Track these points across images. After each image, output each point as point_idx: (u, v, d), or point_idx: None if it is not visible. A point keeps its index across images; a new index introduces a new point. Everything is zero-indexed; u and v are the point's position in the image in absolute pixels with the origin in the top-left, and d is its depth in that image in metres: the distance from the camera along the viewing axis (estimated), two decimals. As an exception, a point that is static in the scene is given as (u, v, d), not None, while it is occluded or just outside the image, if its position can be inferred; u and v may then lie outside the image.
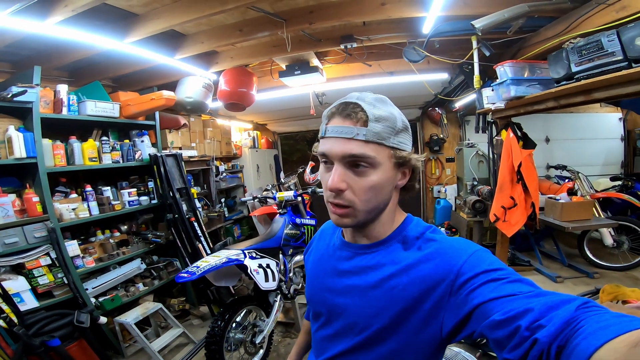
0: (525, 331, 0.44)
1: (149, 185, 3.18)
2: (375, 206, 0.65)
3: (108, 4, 2.07)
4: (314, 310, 0.81)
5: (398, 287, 0.62)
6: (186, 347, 2.77)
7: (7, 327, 1.94)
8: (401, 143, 0.64)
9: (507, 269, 0.55)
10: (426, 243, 0.65)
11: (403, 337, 0.62)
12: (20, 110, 2.26)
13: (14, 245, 2.13)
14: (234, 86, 2.92)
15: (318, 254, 0.83)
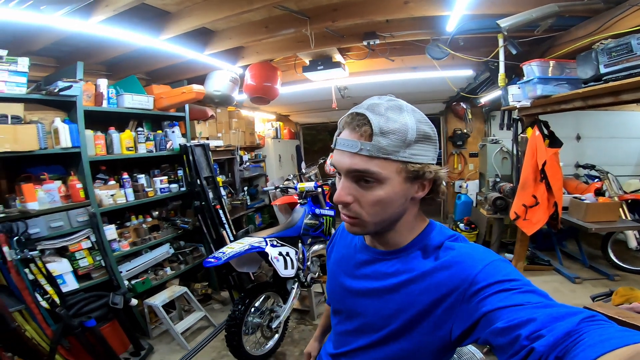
0: (524, 340, 0.44)
1: (178, 173, 3.37)
2: (384, 219, 0.65)
3: (146, 4, 2.20)
4: (334, 307, 0.84)
5: (414, 292, 0.63)
6: (206, 330, 2.94)
7: (49, 308, 2.12)
8: (415, 155, 0.61)
9: (523, 279, 0.55)
10: (445, 252, 0.64)
11: (416, 338, 0.64)
12: (65, 103, 2.45)
13: (59, 229, 2.32)
14: (259, 80, 3.03)
15: (339, 253, 0.85)
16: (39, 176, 2.35)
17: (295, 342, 2.71)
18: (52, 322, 2.14)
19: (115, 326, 2.50)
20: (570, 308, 0.47)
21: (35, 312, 2.07)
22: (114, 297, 2.42)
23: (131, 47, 2.57)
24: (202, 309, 3.01)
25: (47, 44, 2.38)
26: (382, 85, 3.84)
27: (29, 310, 2.05)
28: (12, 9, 1.74)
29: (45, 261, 2.20)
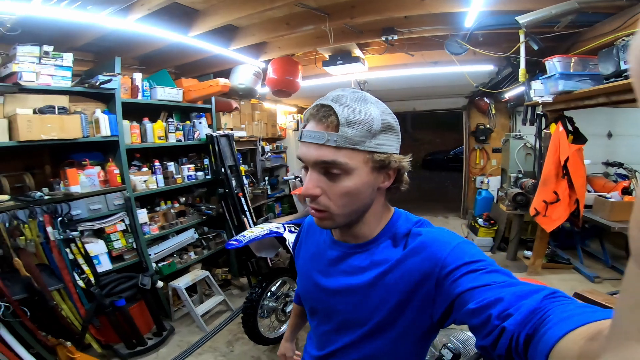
0: (495, 320, 0.47)
1: (204, 162, 3.59)
2: (353, 210, 0.65)
3: (177, 2, 2.35)
4: (310, 307, 0.82)
5: (391, 282, 0.64)
6: (224, 313, 3.13)
7: (84, 288, 2.31)
8: (380, 145, 0.62)
9: (487, 259, 0.58)
10: (413, 238, 0.66)
11: (400, 327, 0.65)
12: (105, 96, 2.68)
13: (97, 212, 2.54)
14: (281, 74, 3.16)
15: (309, 251, 0.83)
16: (80, 162, 2.60)
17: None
18: (86, 301, 2.34)
19: (142, 307, 2.69)
20: (532, 286, 0.49)
21: (72, 291, 2.27)
22: (142, 279, 2.61)
23: (163, 42, 2.76)
24: (221, 293, 3.20)
25: (89, 40, 2.60)
26: (402, 79, 3.85)
27: (66, 289, 2.25)
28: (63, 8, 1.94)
29: (84, 242, 2.42)
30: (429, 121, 12.70)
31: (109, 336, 2.50)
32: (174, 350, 2.64)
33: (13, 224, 2.05)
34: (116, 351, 2.50)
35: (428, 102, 5.75)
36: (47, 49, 2.30)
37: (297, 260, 0.89)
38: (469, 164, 5.88)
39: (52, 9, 1.85)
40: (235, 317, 3.04)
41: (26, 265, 2.05)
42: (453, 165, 10.57)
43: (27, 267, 2.05)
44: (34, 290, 2.01)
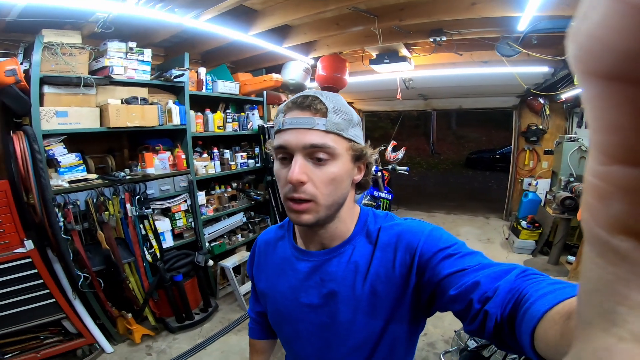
0: (476, 304, 0.48)
1: (255, 150, 3.91)
2: (335, 201, 0.63)
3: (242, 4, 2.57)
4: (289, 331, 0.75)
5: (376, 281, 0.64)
6: None
7: (151, 262, 2.61)
8: (357, 136, 0.65)
9: (458, 242, 0.60)
10: (386, 233, 0.66)
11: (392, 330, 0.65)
12: (175, 88, 3.04)
13: (166, 192, 2.89)
14: (330, 72, 3.34)
15: (274, 270, 0.77)
16: (154, 147, 3.01)
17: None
18: (150, 275, 2.67)
19: (193, 283, 2.95)
20: (503, 265, 0.51)
21: (140, 264, 2.61)
22: (197, 256, 2.93)
23: (226, 40, 3.01)
24: None
25: (165, 37, 2.92)
26: (449, 78, 3.85)
27: (136, 263, 2.59)
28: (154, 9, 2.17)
29: (154, 219, 2.77)
30: (475, 118, 12.16)
31: (163, 309, 2.81)
32: (216, 325, 2.91)
33: (100, 200, 2.42)
34: (167, 324, 2.79)
35: (476, 100, 5.58)
36: (132, 45, 2.62)
37: (258, 285, 0.83)
38: (517, 165, 5.66)
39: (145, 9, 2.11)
40: None
41: (107, 239, 2.41)
42: (499, 166, 10.10)
43: (107, 240, 2.41)
44: (111, 263, 2.37)
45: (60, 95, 2.31)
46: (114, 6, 2.04)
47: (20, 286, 2.04)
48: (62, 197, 2.19)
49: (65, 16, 2.26)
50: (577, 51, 0.12)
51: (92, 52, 2.49)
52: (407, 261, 0.62)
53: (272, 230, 0.84)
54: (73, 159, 2.37)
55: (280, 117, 0.65)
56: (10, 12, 2.03)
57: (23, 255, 2.03)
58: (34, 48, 2.16)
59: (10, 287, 2.01)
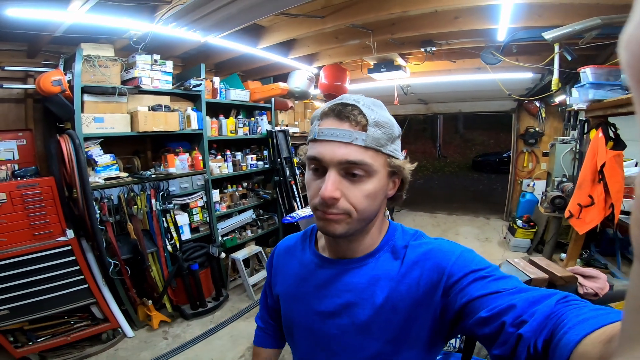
0: (510, 327, 0.45)
1: (264, 153, 4.23)
2: (369, 216, 0.62)
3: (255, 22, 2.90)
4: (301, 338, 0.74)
5: (396, 298, 0.62)
6: None
7: (171, 252, 2.91)
8: (395, 151, 0.62)
9: (492, 266, 0.57)
10: (413, 250, 0.64)
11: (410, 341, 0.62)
12: (192, 96, 3.39)
13: (185, 189, 3.23)
14: (332, 80, 3.66)
15: (290, 279, 0.76)
16: (174, 149, 3.36)
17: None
18: (170, 264, 2.96)
19: (207, 274, 3.23)
20: (543, 291, 0.49)
21: (161, 254, 2.91)
22: (212, 248, 3.24)
23: (238, 52, 3.35)
24: None
25: (185, 50, 3.26)
26: (445, 83, 4.11)
27: (157, 252, 2.90)
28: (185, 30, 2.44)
29: (175, 214, 3.10)
30: (483, 121, 12.28)
31: (179, 297, 3.09)
32: (226, 313, 3.19)
33: (130, 195, 2.77)
34: (182, 311, 3.06)
35: (474, 104, 5.83)
36: (156, 57, 2.95)
37: (274, 289, 0.81)
38: (516, 167, 5.85)
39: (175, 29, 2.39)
40: None
41: (135, 230, 2.73)
42: (505, 168, 10.17)
43: (136, 231, 2.73)
44: (137, 252, 2.70)
45: (97, 103, 2.67)
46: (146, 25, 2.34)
47: (60, 272, 2.36)
48: (98, 192, 2.54)
49: (100, 32, 2.58)
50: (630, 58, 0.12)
51: (123, 63, 2.85)
52: (433, 280, 0.59)
53: (293, 237, 0.83)
54: (108, 159, 2.73)
55: (315, 124, 0.61)
56: (59, 28, 2.28)
57: (64, 243, 2.37)
58: (75, 60, 2.49)
59: (51, 272, 2.32)
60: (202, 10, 2.04)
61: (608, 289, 1.46)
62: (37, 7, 1.94)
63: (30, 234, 2.20)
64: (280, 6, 2.09)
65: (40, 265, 2.26)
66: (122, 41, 2.78)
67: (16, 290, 2.15)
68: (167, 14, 2.09)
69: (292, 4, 2.07)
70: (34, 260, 2.22)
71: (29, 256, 2.20)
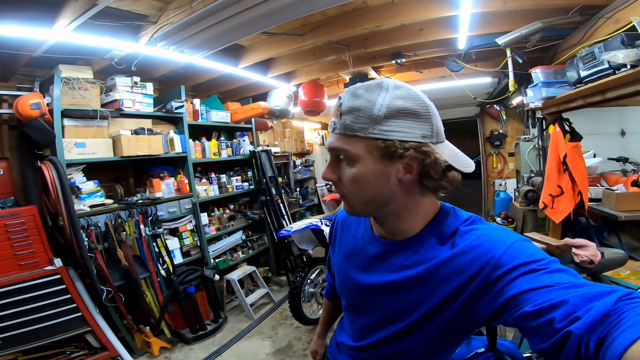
0: (558, 323, 0.44)
1: (248, 174, 4.25)
2: (368, 199, 0.64)
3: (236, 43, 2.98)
4: (348, 302, 0.82)
5: (434, 282, 0.62)
6: (267, 305, 3.60)
7: (165, 276, 2.84)
8: (388, 132, 0.59)
9: (548, 258, 0.54)
10: (462, 236, 0.63)
11: (437, 326, 0.63)
12: (174, 119, 3.38)
13: (174, 214, 3.18)
14: (311, 97, 3.83)
15: (346, 246, 0.82)
16: (159, 174, 3.31)
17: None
18: (164, 289, 2.87)
19: (203, 296, 3.16)
20: (603, 287, 0.46)
21: (154, 279, 2.82)
22: (205, 271, 3.18)
23: (217, 73, 3.41)
24: (265, 287, 3.73)
25: (165, 72, 3.28)
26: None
27: (150, 278, 2.81)
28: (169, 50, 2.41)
29: (165, 238, 3.03)
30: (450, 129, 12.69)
31: (177, 322, 2.98)
32: (227, 335, 3.10)
33: (117, 222, 2.70)
34: (182, 336, 2.95)
35: (443, 112, 6.13)
36: (136, 79, 2.92)
37: (332, 255, 0.89)
38: (487, 169, 6.22)
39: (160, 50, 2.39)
40: (277, 308, 3.55)
41: (126, 256, 2.64)
42: (477, 173, 10.72)
43: (126, 257, 2.64)
44: (130, 278, 2.60)
45: (78, 127, 2.62)
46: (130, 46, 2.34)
47: (50, 301, 2.23)
48: (85, 219, 2.46)
49: (79, 53, 2.46)
50: None
51: (102, 86, 2.81)
52: (477, 269, 0.58)
53: None
54: (92, 185, 2.65)
55: None
56: (40, 47, 2.19)
57: (52, 272, 2.24)
58: (53, 82, 2.43)
59: (41, 302, 2.19)
60: (188, 31, 2.14)
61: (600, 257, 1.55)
62: (22, 24, 1.84)
63: (16, 264, 2.08)
64: (263, 26, 2.22)
65: (29, 295, 2.14)
66: (101, 63, 2.78)
67: (6, 321, 2.02)
68: (155, 34, 2.16)
69: (274, 24, 2.21)
70: (22, 290, 2.11)
71: (17, 286, 2.08)
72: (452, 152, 0.65)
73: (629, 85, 1.98)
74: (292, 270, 3.95)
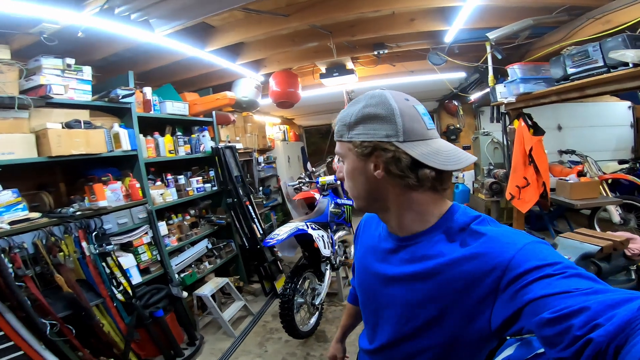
0: (577, 330, 0.42)
1: (210, 174, 3.74)
2: (360, 194, 0.71)
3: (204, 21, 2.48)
4: (362, 299, 0.84)
5: (442, 280, 0.62)
6: (246, 319, 3.21)
7: (124, 301, 2.32)
8: (358, 135, 0.66)
9: (565, 262, 0.52)
10: (472, 236, 0.62)
11: (447, 331, 0.63)
12: (120, 110, 2.75)
13: (124, 225, 2.58)
14: (284, 87, 3.46)
15: (364, 245, 0.86)
16: (100, 178, 2.68)
17: (330, 321, 3.03)
18: (125, 314, 2.34)
19: (173, 318, 2.71)
20: (625, 293, 0.44)
21: (109, 305, 2.27)
22: (172, 289, 2.68)
23: (172, 58, 2.89)
24: (242, 299, 3.30)
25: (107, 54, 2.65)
26: (384, 87, 4.30)
27: (105, 304, 2.25)
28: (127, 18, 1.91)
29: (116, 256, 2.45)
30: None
31: (147, 350, 2.49)
32: (209, 358, 2.70)
33: (51, 241, 2.06)
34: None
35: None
36: (69, 61, 2.30)
37: (356, 255, 0.92)
38: (444, 163, 6.48)
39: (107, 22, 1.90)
40: (258, 321, 3.18)
41: (67, 281, 2.06)
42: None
43: (68, 283, 2.06)
44: (79, 307, 2.04)
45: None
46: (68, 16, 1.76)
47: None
48: (4, 240, 1.81)
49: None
50: None
51: (22, 68, 2.15)
52: (485, 271, 0.57)
53: None
54: (10, 196, 1.98)
55: None
56: None
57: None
58: None
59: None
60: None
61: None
62: None
63: None
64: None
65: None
66: (22, 40, 2.12)
67: None
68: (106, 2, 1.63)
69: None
70: None
71: None
72: (431, 150, 0.63)
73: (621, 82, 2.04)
74: (268, 277, 3.60)
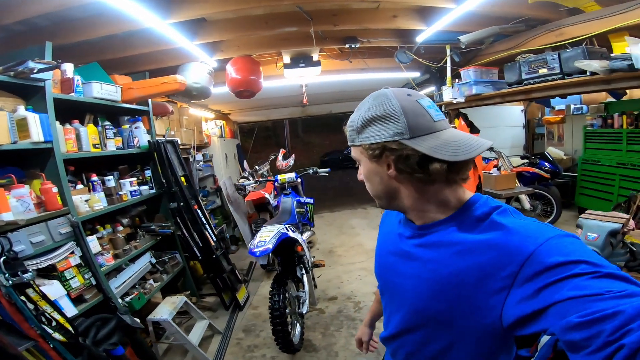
0: (609, 336, 0.40)
1: (146, 173, 3.06)
2: (378, 194, 0.72)
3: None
4: (380, 287, 0.87)
5: (454, 271, 0.61)
6: (213, 339, 2.76)
7: (64, 340, 1.72)
8: (367, 138, 0.66)
9: (595, 260, 0.48)
10: (491, 226, 0.60)
11: (458, 325, 0.62)
12: (26, 88, 1.99)
13: (41, 245, 1.90)
14: (246, 74, 3.03)
15: (384, 232, 0.87)
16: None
17: (311, 328, 2.75)
18: (72, 358, 1.73)
19: (132, 353, 2.16)
20: None
21: (45, 347, 1.64)
22: (126, 318, 2.11)
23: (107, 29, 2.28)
24: (204, 317, 2.80)
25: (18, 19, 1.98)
26: (335, 83, 4.25)
27: (38, 347, 1.62)
28: None
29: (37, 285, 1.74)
30: (316, 124, 13.71)
31: None
32: None
33: None
34: None
35: (346, 105, 6.35)
36: None
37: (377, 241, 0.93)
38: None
39: None
40: (229, 339, 2.74)
41: None
42: (347, 164, 11.77)
43: None
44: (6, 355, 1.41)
45: None
46: None
47: None
48: None
49: None
50: None
51: None
52: (503, 264, 0.54)
53: None
54: None
55: None
56: None
57: None
58: None
59: None
60: None
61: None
62: None
63: None
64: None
65: None
66: None
67: None
68: None
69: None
70: None
71: None
72: (440, 143, 0.60)
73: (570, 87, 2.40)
74: (227, 289, 3.15)
